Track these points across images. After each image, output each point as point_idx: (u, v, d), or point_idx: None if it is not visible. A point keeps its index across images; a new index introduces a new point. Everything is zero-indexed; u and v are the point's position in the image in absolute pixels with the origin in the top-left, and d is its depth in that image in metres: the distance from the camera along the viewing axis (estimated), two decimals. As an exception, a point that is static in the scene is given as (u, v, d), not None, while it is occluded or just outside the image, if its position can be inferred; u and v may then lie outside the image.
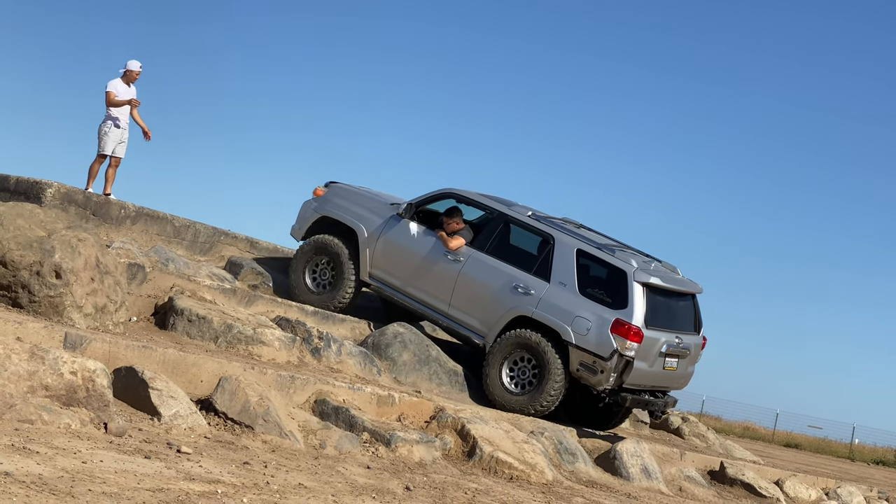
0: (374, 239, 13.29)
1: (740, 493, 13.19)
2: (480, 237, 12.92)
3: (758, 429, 44.52)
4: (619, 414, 13.50)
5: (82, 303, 9.70)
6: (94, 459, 6.51)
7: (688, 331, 12.87)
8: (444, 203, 13.39)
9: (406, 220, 13.24)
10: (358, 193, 13.85)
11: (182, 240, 14.41)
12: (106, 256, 10.32)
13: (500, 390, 12.29)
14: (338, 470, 8.18)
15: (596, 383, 12.03)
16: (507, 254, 12.78)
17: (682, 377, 13.06)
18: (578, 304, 12.11)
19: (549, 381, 12.05)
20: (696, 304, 13.19)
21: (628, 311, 11.91)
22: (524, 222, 12.86)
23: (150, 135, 14.89)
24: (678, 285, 12.67)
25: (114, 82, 14.56)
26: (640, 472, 11.86)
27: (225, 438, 8.25)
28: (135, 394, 8.35)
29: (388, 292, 13.30)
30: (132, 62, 14.64)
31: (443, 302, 12.88)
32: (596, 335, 11.91)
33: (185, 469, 6.84)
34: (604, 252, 12.36)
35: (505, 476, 9.81)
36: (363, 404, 10.15)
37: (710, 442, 16.35)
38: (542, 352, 12.08)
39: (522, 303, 12.33)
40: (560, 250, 12.43)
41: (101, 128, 14.52)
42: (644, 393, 12.63)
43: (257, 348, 10.92)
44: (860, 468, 32.16)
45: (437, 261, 12.90)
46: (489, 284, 12.59)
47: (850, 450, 41.61)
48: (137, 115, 14.82)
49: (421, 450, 9.55)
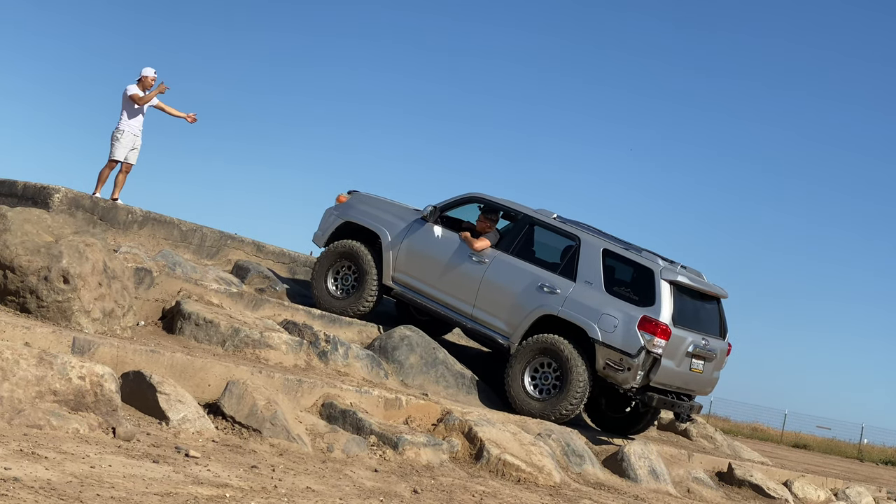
0: (397, 243, 13.28)
1: (749, 495, 13.18)
2: (505, 239, 12.92)
3: (766, 430, 44.45)
4: (645, 419, 13.45)
5: (90, 308, 9.72)
6: (103, 464, 6.53)
7: (713, 334, 12.81)
8: (469, 208, 13.38)
9: (430, 223, 13.23)
10: (381, 200, 13.88)
11: (189, 244, 14.44)
12: (113, 261, 10.34)
13: (522, 396, 12.19)
14: (345, 473, 8.19)
15: (623, 381, 11.94)
16: (533, 255, 12.79)
17: (709, 381, 12.95)
18: (605, 302, 12.07)
19: (573, 385, 11.95)
20: (721, 309, 13.14)
21: (656, 308, 11.88)
22: (549, 224, 12.85)
23: (194, 116, 15.32)
24: (704, 287, 12.64)
25: (132, 86, 14.78)
26: (648, 473, 11.86)
27: (233, 442, 8.27)
28: (143, 398, 8.37)
29: (411, 296, 13.25)
30: (147, 69, 14.86)
31: (467, 304, 12.82)
32: (623, 332, 11.86)
33: (193, 473, 6.86)
34: (630, 251, 12.36)
35: (512, 478, 9.81)
36: (370, 407, 10.16)
37: (717, 443, 16.34)
38: (566, 356, 11.98)
39: (548, 302, 12.30)
40: (586, 250, 12.43)
41: (114, 133, 14.68)
42: (671, 395, 12.58)
43: (264, 352, 10.94)
44: (869, 468, 32.10)
45: (461, 263, 12.88)
46: (514, 284, 12.56)
47: (858, 450, 41.53)
48: (173, 110, 15.17)
49: (428, 452, 9.56)
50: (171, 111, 15.17)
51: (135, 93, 14.63)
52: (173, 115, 15.21)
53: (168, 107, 15.11)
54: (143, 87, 14.75)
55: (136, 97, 14.56)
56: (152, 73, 14.84)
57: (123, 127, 14.59)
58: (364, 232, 13.60)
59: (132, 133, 14.64)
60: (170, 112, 15.16)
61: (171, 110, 15.15)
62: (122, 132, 14.56)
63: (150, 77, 14.83)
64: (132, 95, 14.56)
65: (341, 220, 13.75)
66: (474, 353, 14.27)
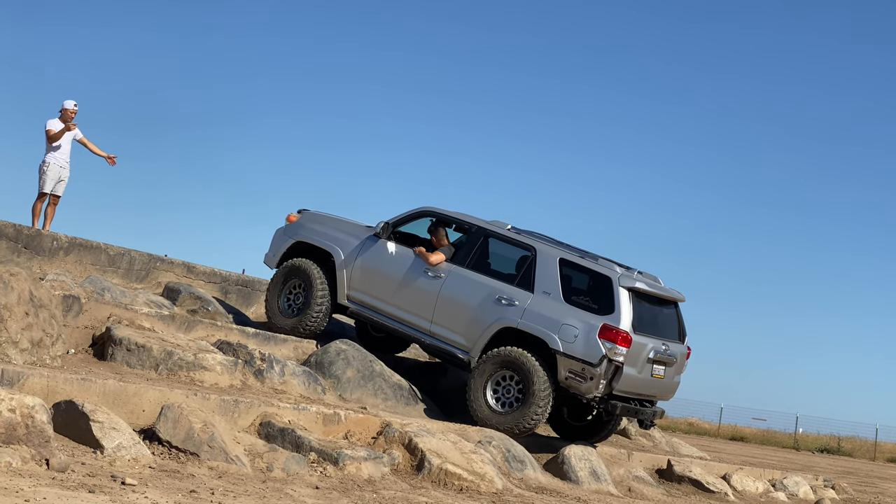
0: (350, 261, 13.17)
1: (689, 490, 13.32)
2: (460, 252, 12.80)
3: (703, 424, 45.03)
4: (608, 426, 13.44)
5: (17, 338, 9.55)
6: (38, 497, 6.40)
7: (673, 339, 12.79)
8: (421, 223, 13.28)
9: (383, 240, 13.13)
10: (332, 218, 13.75)
11: (117, 268, 14.25)
12: (40, 290, 10.17)
13: (485, 410, 12.09)
14: (286, 492, 8.13)
15: (585, 391, 11.88)
16: (489, 267, 12.69)
17: (670, 386, 12.98)
18: (564, 312, 12.01)
19: (535, 397, 11.86)
20: (679, 313, 13.13)
21: (615, 316, 11.82)
22: (504, 235, 12.77)
23: (114, 159, 15.43)
24: (662, 292, 12.66)
25: (52, 121, 15.02)
26: (589, 475, 11.92)
27: (170, 467, 8.16)
28: (76, 427, 8.24)
29: (368, 314, 13.13)
30: (67, 101, 15.24)
31: (425, 320, 12.70)
32: (584, 341, 11.80)
33: (130, 501, 6.75)
34: (587, 260, 12.32)
35: (455, 488, 9.81)
36: (309, 424, 10.10)
37: (656, 441, 16.48)
38: (527, 368, 11.89)
39: (507, 314, 12.21)
40: (542, 261, 12.36)
41: (41, 167, 14.94)
42: (633, 402, 12.57)
43: (199, 374, 10.83)
44: (805, 457, 32.65)
45: (416, 278, 12.77)
46: (472, 298, 12.46)
47: (794, 439, 42.23)
48: (95, 147, 15.34)
49: (369, 466, 9.52)
50: (94, 149, 15.41)
51: (49, 128, 14.87)
52: (95, 152, 15.41)
53: (91, 143, 15.34)
54: (64, 119, 14.91)
55: (49, 133, 14.77)
56: (73, 106, 15.06)
57: (49, 160, 14.91)
58: (317, 251, 13.50)
59: (58, 165, 14.89)
60: (91, 149, 15.36)
61: (93, 147, 15.40)
62: (49, 164, 14.91)
63: (71, 110, 15.07)
64: (47, 131, 14.80)
65: (293, 241, 13.63)
66: (411, 364, 14.26)
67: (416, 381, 13.25)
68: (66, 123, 14.90)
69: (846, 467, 28.60)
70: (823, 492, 15.92)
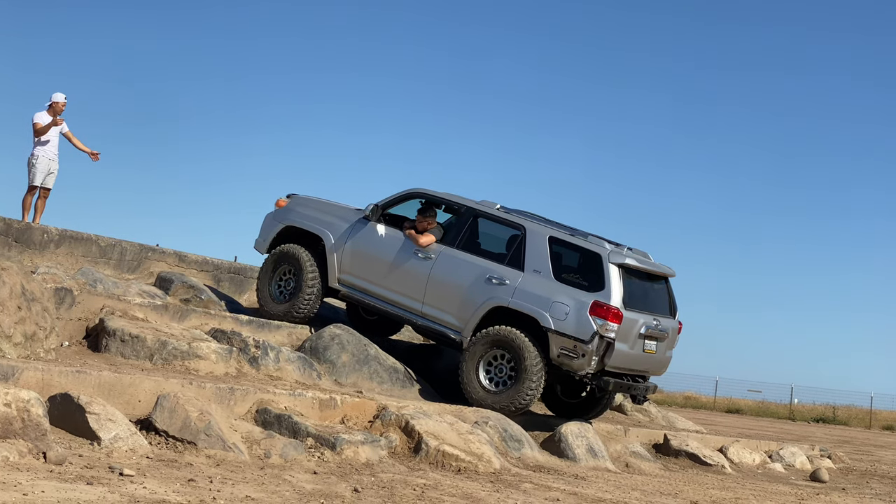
0: (341, 244, 13.17)
1: (686, 464, 13.37)
2: (450, 233, 12.84)
3: (699, 397, 45.20)
4: (602, 402, 13.51)
5: (11, 332, 9.54)
6: (36, 490, 6.41)
7: (664, 314, 12.85)
8: (411, 204, 13.28)
9: (373, 222, 13.14)
10: (321, 202, 13.73)
11: (109, 259, 14.23)
12: (31, 283, 10.16)
13: (478, 390, 12.15)
14: (284, 478, 8.15)
15: (578, 368, 11.94)
16: (479, 247, 12.74)
17: (662, 361, 13.04)
18: (555, 290, 12.05)
19: (528, 375, 11.92)
20: (669, 288, 13.18)
21: (606, 293, 11.87)
22: (493, 215, 12.80)
23: (98, 155, 15.54)
24: (652, 267, 12.70)
25: (39, 114, 15.07)
26: (586, 452, 11.97)
27: (168, 457, 8.17)
28: (72, 420, 8.23)
29: (359, 297, 13.16)
30: (56, 94, 15.30)
31: (416, 301, 12.74)
32: (575, 319, 11.85)
33: (129, 492, 6.76)
34: (576, 237, 12.35)
35: (452, 469, 9.84)
36: (305, 410, 10.12)
37: (652, 416, 16.55)
38: (519, 346, 11.95)
39: (498, 293, 12.25)
40: (532, 239, 12.39)
41: (30, 160, 15.03)
42: (626, 377, 12.63)
43: (194, 363, 10.83)
44: (801, 427, 32.79)
45: (407, 260, 12.80)
46: (462, 278, 12.50)
47: (790, 410, 42.40)
48: (79, 143, 15.41)
49: (367, 450, 9.54)
50: (78, 144, 15.51)
51: (36, 122, 14.94)
52: (79, 147, 15.50)
53: (75, 139, 15.41)
54: (53, 113, 14.91)
55: (36, 127, 14.80)
56: (62, 99, 15.10)
57: (38, 153, 14.95)
58: (307, 235, 13.49)
59: (47, 158, 14.94)
60: (76, 144, 15.45)
61: (77, 143, 15.50)
62: (37, 158, 14.97)
63: (60, 103, 15.10)
64: (34, 125, 14.85)
65: (282, 225, 13.63)
66: (406, 347, 14.28)
67: (410, 363, 13.27)
68: (55, 117, 14.89)
69: (842, 436, 28.75)
70: (820, 461, 16.00)
